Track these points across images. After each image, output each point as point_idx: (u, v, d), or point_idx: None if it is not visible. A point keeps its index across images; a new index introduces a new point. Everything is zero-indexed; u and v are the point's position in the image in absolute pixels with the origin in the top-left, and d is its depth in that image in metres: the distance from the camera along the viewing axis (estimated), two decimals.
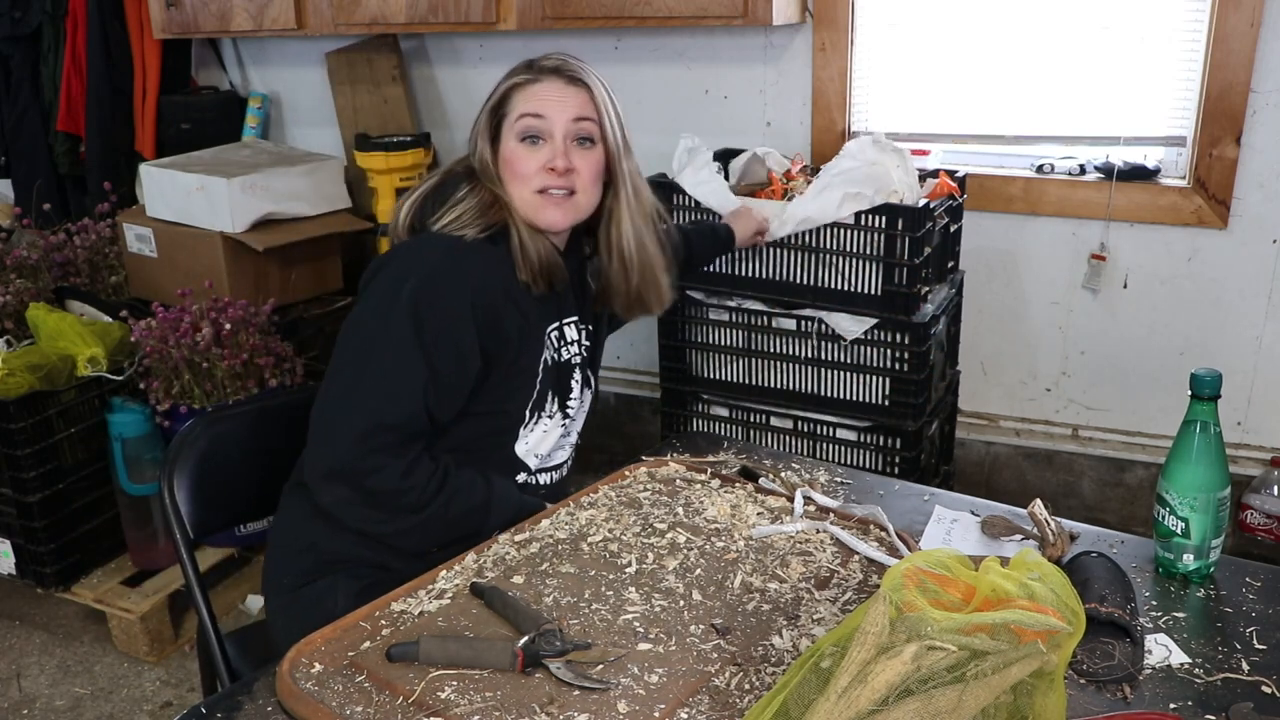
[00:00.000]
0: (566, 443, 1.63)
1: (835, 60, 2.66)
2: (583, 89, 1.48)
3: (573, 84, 1.48)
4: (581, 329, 1.60)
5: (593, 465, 3.00)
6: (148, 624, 2.41)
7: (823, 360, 2.25)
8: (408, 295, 1.38)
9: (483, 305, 1.41)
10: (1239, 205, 2.40)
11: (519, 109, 1.47)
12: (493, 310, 1.42)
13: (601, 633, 1.10)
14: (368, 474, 1.36)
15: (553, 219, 1.48)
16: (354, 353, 1.40)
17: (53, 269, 2.76)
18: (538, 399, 1.51)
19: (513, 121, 1.47)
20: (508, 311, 1.44)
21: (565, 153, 1.46)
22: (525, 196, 1.48)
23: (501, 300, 1.44)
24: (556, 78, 1.48)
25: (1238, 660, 1.08)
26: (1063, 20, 2.48)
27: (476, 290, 1.41)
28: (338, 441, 1.36)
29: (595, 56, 2.92)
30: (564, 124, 1.46)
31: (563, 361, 1.56)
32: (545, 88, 1.47)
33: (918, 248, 2.08)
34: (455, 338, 1.39)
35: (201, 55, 3.54)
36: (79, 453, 2.47)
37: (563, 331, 1.56)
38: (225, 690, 1.14)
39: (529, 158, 1.46)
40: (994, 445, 2.79)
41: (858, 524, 1.33)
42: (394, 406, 1.36)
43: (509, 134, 1.48)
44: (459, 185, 1.50)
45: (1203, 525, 1.20)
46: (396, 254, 1.46)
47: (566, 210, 1.49)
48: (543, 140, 1.47)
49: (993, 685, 0.83)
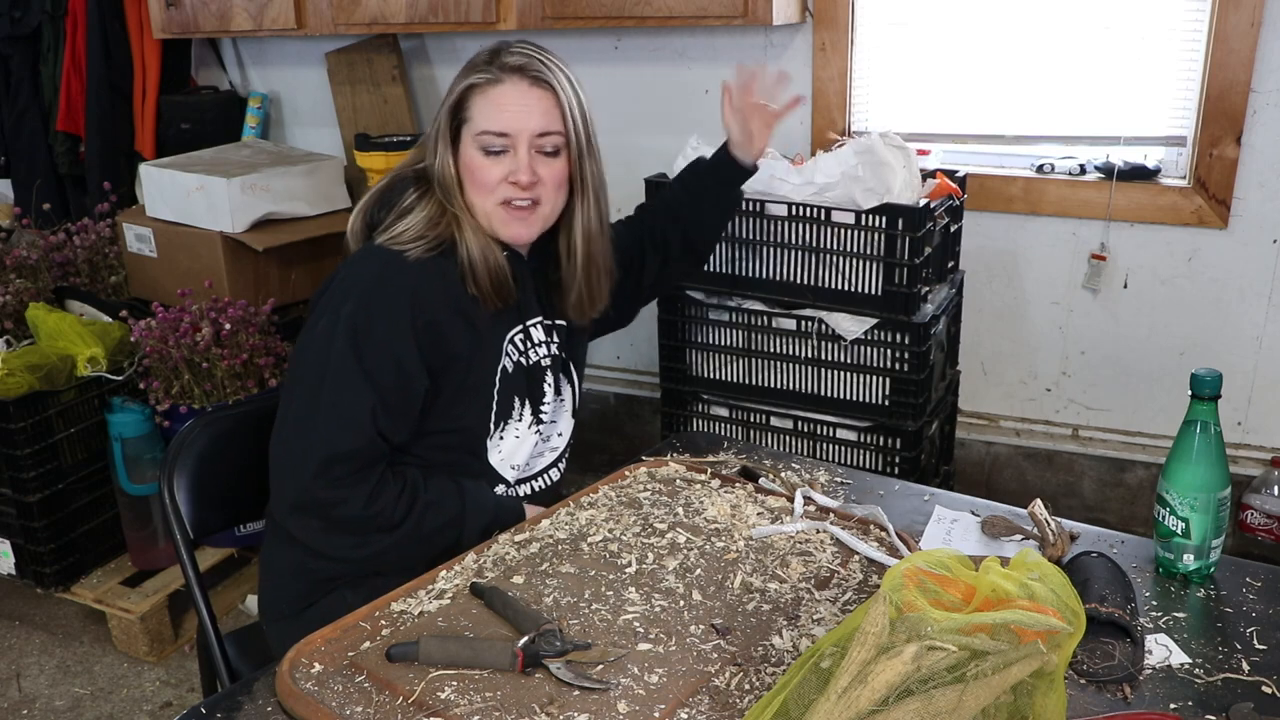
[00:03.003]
0: (548, 449, 1.60)
1: (835, 60, 2.66)
2: (547, 92, 1.41)
3: (537, 85, 1.41)
4: (551, 328, 1.56)
5: (593, 465, 3.00)
6: (147, 624, 2.41)
7: (823, 360, 2.25)
8: (345, 319, 1.35)
9: (424, 323, 1.38)
10: (1239, 205, 2.40)
11: (480, 122, 1.41)
12: (435, 328, 1.39)
13: (601, 633, 1.10)
14: (332, 506, 1.35)
15: (516, 233, 1.46)
16: (302, 381, 1.38)
17: (53, 269, 2.76)
18: (500, 409, 1.48)
19: (473, 133, 1.42)
20: (454, 327, 1.41)
21: (529, 166, 1.41)
22: (488, 208, 1.44)
23: (446, 316, 1.40)
24: (519, 78, 1.40)
25: (1238, 660, 1.07)
26: (1063, 20, 2.48)
27: (416, 308, 1.37)
28: (297, 476, 1.35)
29: (595, 56, 2.93)
30: (528, 138, 1.41)
31: (531, 365, 1.52)
32: (507, 93, 1.40)
33: (918, 248, 2.08)
34: (397, 359, 1.37)
35: (201, 55, 3.54)
36: (79, 453, 2.47)
37: (528, 333, 1.52)
38: (225, 690, 1.14)
39: (491, 169, 1.41)
40: (994, 445, 2.79)
41: (858, 524, 1.33)
42: (345, 436, 1.34)
43: (469, 143, 1.43)
44: (406, 190, 1.46)
45: (1203, 525, 1.20)
46: (340, 271, 1.42)
47: (531, 224, 1.45)
48: (505, 153, 1.41)
49: (993, 685, 0.83)
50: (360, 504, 1.35)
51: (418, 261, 1.39)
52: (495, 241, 1.46)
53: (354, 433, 1.35)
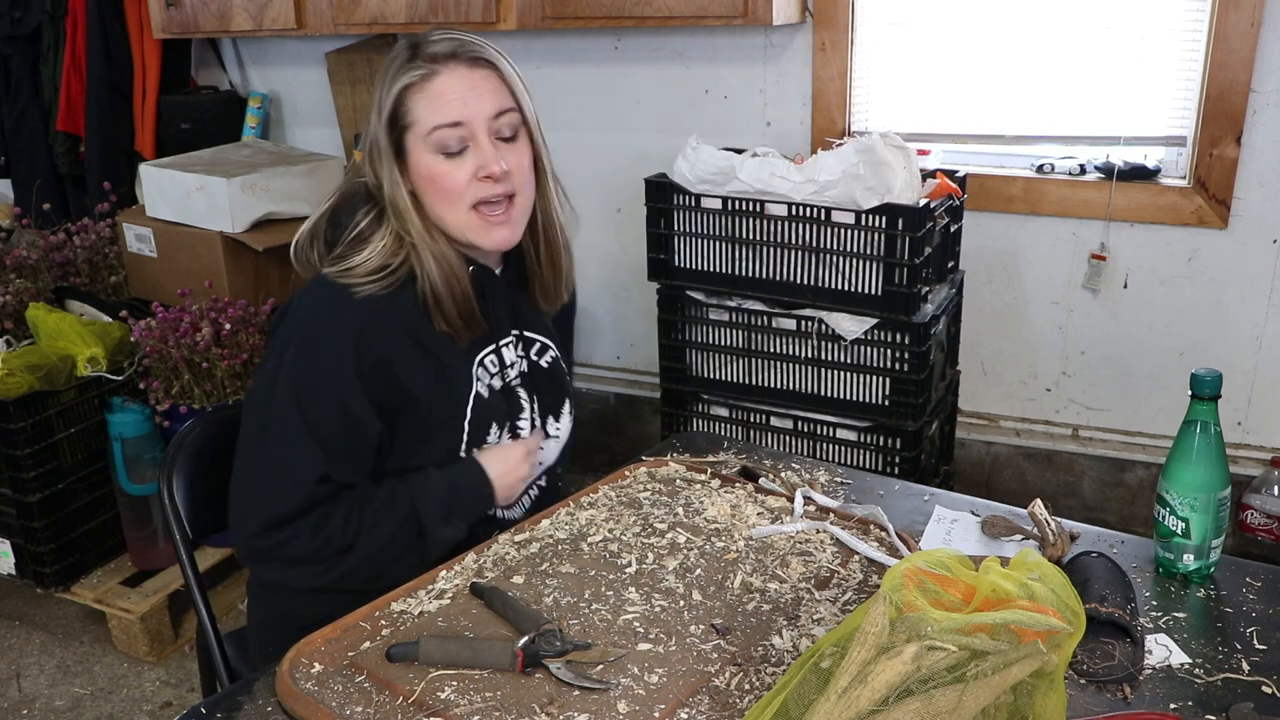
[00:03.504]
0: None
1: (835, 60, 2.66)
2: (489, 70, 1.29)
3: (477, 67, 1.29)
4: (520, 343, 1.45)
5: (593, 465, 2.99)
6: (147, 624, 2.41)
7: (823, 360, 2.25)
8: (288, 365, 1.28)
9: (373, 363, 1.28)
10: (1239, 205, 2.40)
11: (426, 120, 1.28)
12: (385, 366, 1.29)
13: (601, 633, 1.10)
14: (280, 548, 1.29)
15: (502, 238, 1.33)
16: (249, 429, 1.31)
17: (53, 269, 2.76)
18: (473, 437, 1.39)
19: (422, 135, 1.28)
20: (409, 362, 1.31)
21: (495, 155, 1.29)
22: (460, 218, 1.31)
23: (400, 351, 1.30)
24: (456, 64, 1.28)
25: (1238, 660, 1.07)
26: (1063, 20, 2.48)
27: (362, 348, 1.27)
28: (245, 527, 1.29)
29: (595, 56, 2.93)
30: (484, 122, 1.28)
31: (505, 385, 1.42)
32: (448, 83, 1.27)
33: (918, 248, 2.08)
34: (343, 406, 1.28)
35: (201, 55, 3.54)
36: (79, 453, 2.47)
37: (500, 355, 1.41)
38: (225, 690, 1.14)
39: (455, 171, 1.28)
40: (994, 445, 2.79)
41: (858, 524, 1.33)
42: (287, 497, 1.27)
43: (419, 149, 1.29)
44: (356, 211, 1.34)
45: (1203, 525, 1.20)
46: (290, 306, 1.33)
47: (513, 222, 1.34)
48: (465, 149, 1.29)
49: (993, 685, 0.83)
50: (307, 539, 1.28)
51: (368, 298, 1.28)
52: (463, 259, 1.35)
53: (296, 491, 1.27)
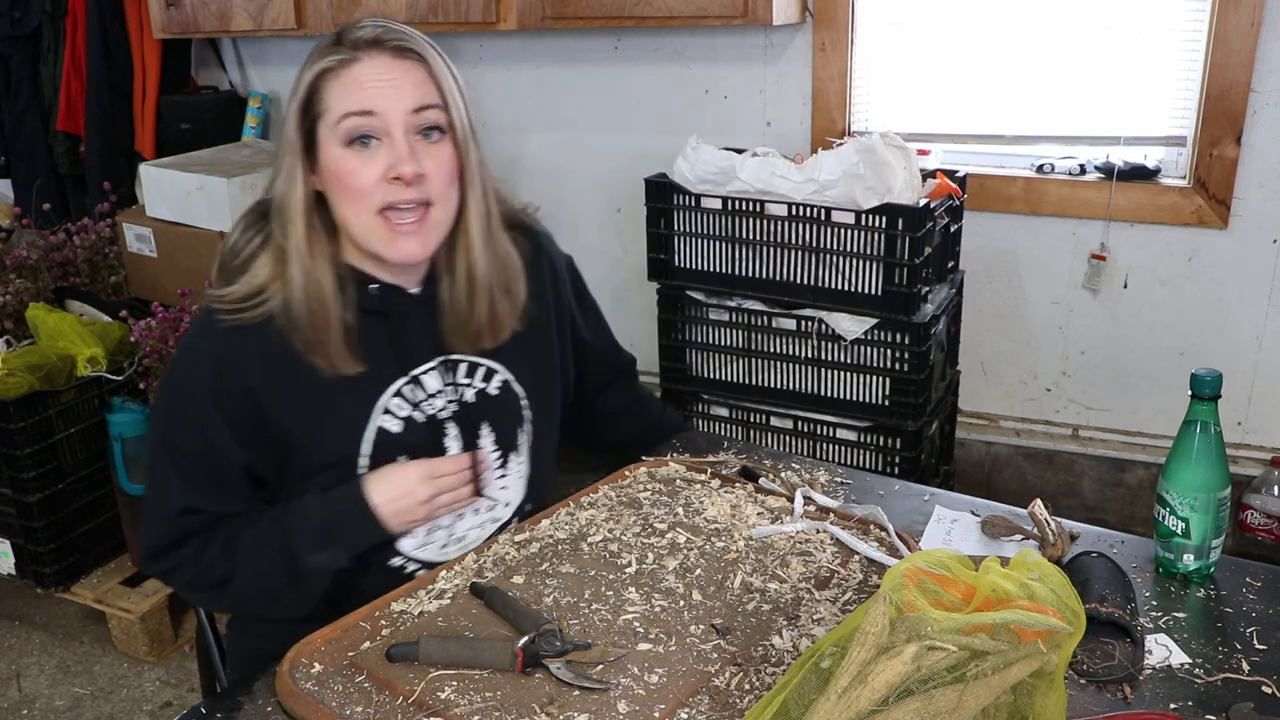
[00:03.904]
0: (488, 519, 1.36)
1: (835, 60, 2.66)
2: (417, 63, 1.17)
3: (402, 57, 1.17)
4: (449, 370, 1.30)
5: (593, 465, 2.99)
6: (147, 624, 2.41)
7: (823, 360, 2.25)
8: (158, 400, 1.24)
9: (232, 397, 1.20)
10: (1239, 205, 2.40)
11: (338, 106, 1.16)
12: (248, 399, 1.20)
13: (601, 633, 1.10)
14: (168, 577, 1.27)
15: (409, 250, 1.19)
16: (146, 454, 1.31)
17: (53, 269, 2.76)
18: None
19: (332, 124, 1.16)
20: (281, 395, 1.21)
21: (411, 154, 1.16)
22: (366, 222, 1.18)
23: (269, 384, 1.20)
24: (378, 53, 1.16)
25: (1238, 660, 1.07)
26: (1063, 20, 2.48)
27: (220, 381, 1.19)
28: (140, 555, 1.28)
29: (595, 56, 2.93)
30: (402, 116, 1.15)
31: (425, 421, 1.28)
32: (367, 70, 1.15)
33: (918, 248, 2.08)
34: (203, 439, 1.21)
35: (201, 55, 3.54)
36: (79, 453, 2.47)
37: (419, 384, 1.28)
38: (225, 690, 1.14)
39: (363, 167, 1.16)
40: (994, 445, 2.79)
41: (858, 524, 1.33)
42: (158, 529, 1.24)
43: (329, 140, 1.17)
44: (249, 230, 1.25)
45: (1203, 525, 1.20)
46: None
47: (425, 236, 1.20)
48: (376, 140, 1.16)
49: (993, 685, 0.83)
50: (189, 568, 1.24)
51: (233, 328, 1.19)
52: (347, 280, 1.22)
53: (163, 524, 1.24)
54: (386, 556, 1.30)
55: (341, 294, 1.21)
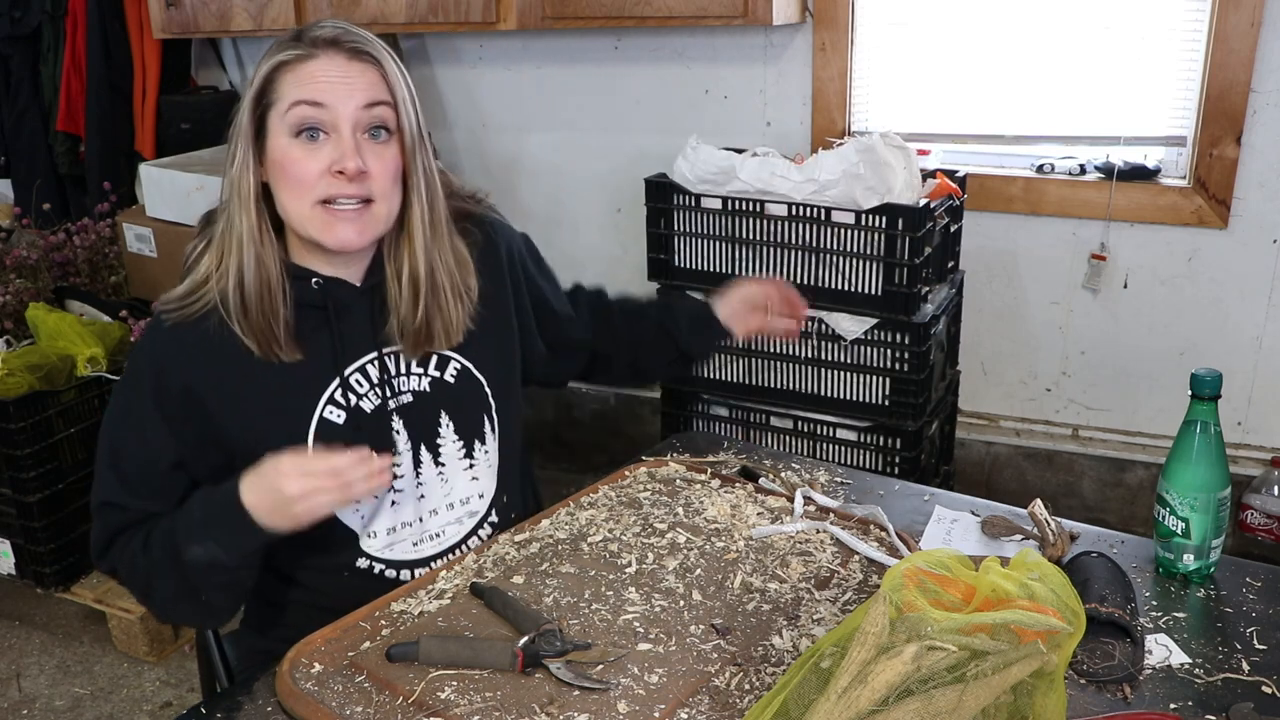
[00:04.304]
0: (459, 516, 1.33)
1: (835, 60, 2.66)
2: (370, 65, 1.19)
3: (357, 58, 1.19)
4: (395, 364, 1.29)
5: (593, 465, 2.99)
6: (147, 624, 2.41)
7: (823, 360, 2.25)
8: (111, 396, 1.28)
9: (173, 395, 1.21)
10: (1239, 205, 2.40)
11: (288, 96, 1.17)
12: (187, 396, 1.21)
13: (601, 633, 1.10)
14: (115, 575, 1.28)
15: (345, 237, 1.19)
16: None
17: (53, 269, 2.76)
18: None
19: (282, 112, 1.17)
20: (221, 391, 1.22)
21: (356, 150, 1.17)
22: (304, 211, 1.18)
23: (209, 380, 1.21)
24: (335, 52, 1.18)
25: (1238, 660, 1.07)
26: (1063, 20, 2.48)
27: (160, 378, 1.21)
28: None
29: (595, 56, 2.93)
30: (351, 113, 1.17)
31: (371, 412, 1.27)
32: (322, 66, 1.17)
33: (918, 248, 2.08)
34: (139, 436, 1.23)
35: (201, 55, 3.54)
36: (79, 453, 2.47)
37: (364, 374, 1.27)
38: (225, 690, 1.14)
39: (307, 159, 1.17)
40: (994, 445, 2.79)
41: (858, 524, 1.33)
42: (96, 529, 1.26)
43: (278, 129, 1.18)
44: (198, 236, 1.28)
45: (1203, 525, 1.20)
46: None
47: (363, 226, 1.20)
48: (324, 134, 1.17)
49: (993, 685, 0.83)
50: (124, 564, 1.24)
51: (174, 325, 1.22)
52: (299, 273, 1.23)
53: (98, 523, 1.26)
54: (351, 559, 1.28)
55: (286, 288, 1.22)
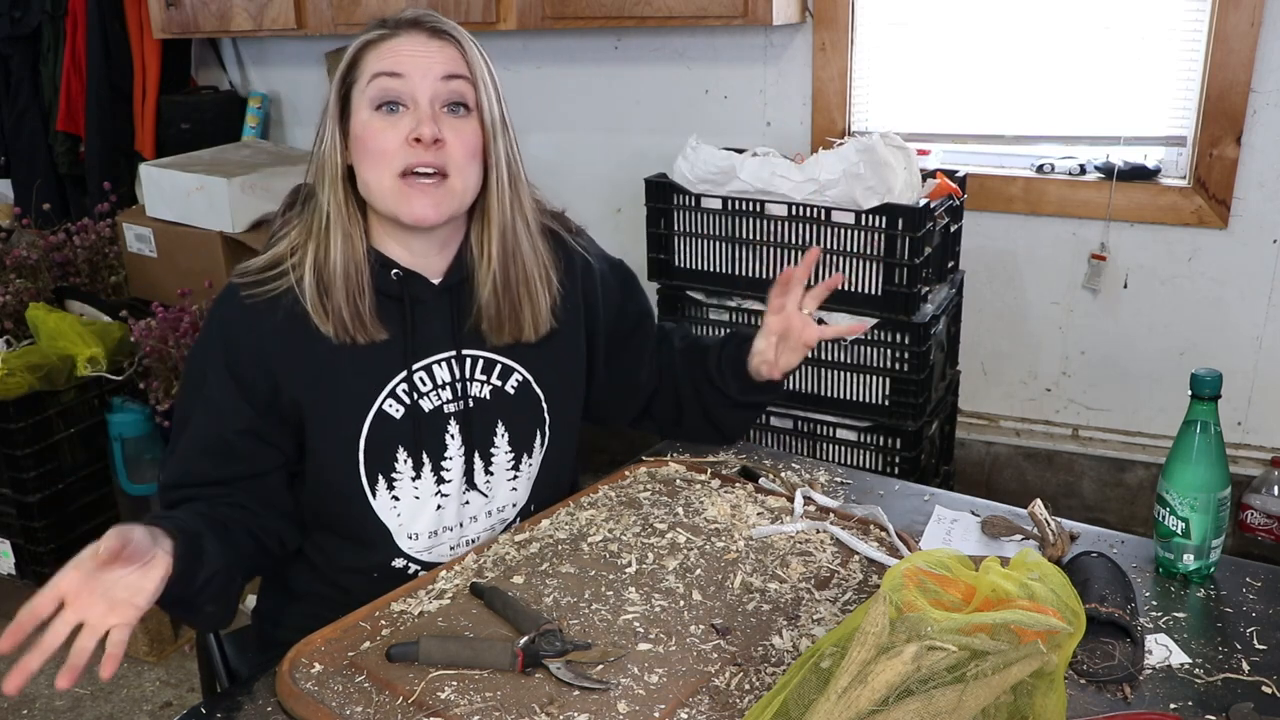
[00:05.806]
0: (474, 514, 1.34)
1: (835, 60, 2.66)
2: (449, 42, 1.22)
3: (437, 36, 1.22)
4: (461, 364, 1.30)
5: (593, 465, 3.00)
6: (147, 624, 2.41)
7: (823, 360, 2.25)
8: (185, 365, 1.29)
9: (245, 362, 1.22)
10: (1239, 205, 2.40)
11: (370, 69, 1.21)
12: (263, 365, 1.22)
13: (601, 633, 1.10)
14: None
15: (420, 212, 1.20)
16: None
17: (53, 269, 2.76)
18: (375, 461, 1.26)
19: (364, 86, 1.20)
20: (294, 365, 1.23)
21: (433, 119, 1.19)
22: (385, 184, 1.20)
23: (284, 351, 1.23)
24: (416, 30, 1.22)
25: (1238, 660, 1.07)
26: (1063, 20, 2.48)
27: (233, 345, 1.22)
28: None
29: (595, 56, 2.93)
30: (430, 84, 1.19)
31: (429, 412, 1.27)
32: (403, 42, 1.21)
33: (918, 248, 2.08)
34: (209, 400, 1.23)
35: (201, 55, 3.54)
36: (79, 453, 2.47)
37: (430, 373, 1.28)
38: (225, 690, 1.14)
39: (386, 130, 1.19)
40: (994, 445, 2.79)
41: (858, 524, 1.33)
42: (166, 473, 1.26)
43: (360, 105, 1.21)
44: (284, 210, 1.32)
45: (1203, 525, 1.20)
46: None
47: (439, 199, 1.21)
48: (404, 107, 1.20)
49: (993, 685, 0.83)
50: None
51: (249, 295, 1.23)
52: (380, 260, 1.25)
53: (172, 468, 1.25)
54: (388, 557, 1.30)
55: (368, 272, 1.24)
